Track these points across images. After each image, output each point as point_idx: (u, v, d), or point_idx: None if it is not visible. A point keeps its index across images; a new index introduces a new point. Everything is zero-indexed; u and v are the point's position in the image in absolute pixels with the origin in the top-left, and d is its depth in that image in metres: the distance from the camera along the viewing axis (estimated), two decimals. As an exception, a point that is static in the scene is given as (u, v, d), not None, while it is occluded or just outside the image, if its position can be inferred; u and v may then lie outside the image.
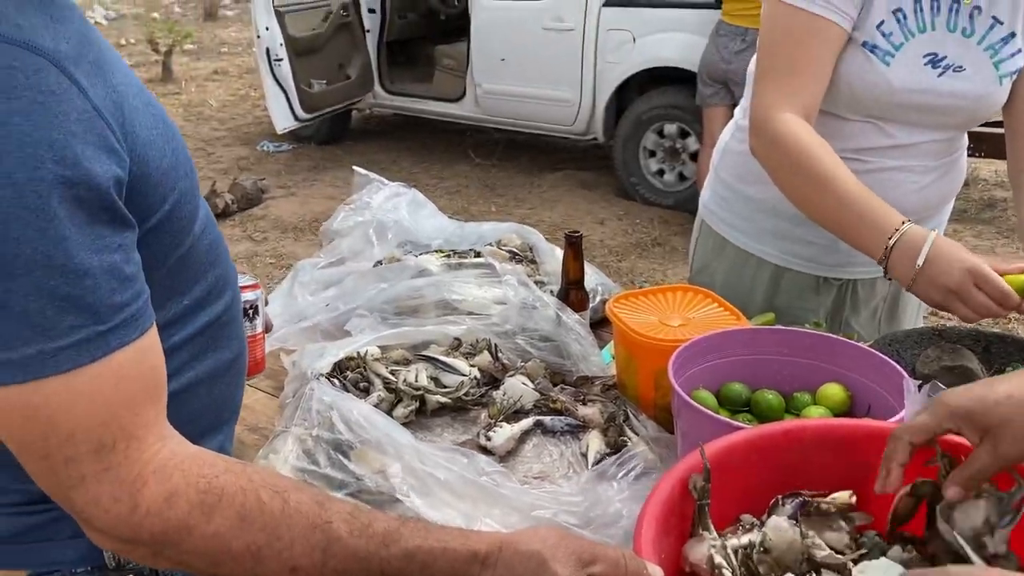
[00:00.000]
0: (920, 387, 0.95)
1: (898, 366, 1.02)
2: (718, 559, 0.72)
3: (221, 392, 0.83)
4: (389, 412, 1.22)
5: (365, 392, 1.25)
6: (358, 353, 1.30)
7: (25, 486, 0.70)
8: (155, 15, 11.71)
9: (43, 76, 0.59)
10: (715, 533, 0.76)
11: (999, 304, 1.08)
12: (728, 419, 1.01)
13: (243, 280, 1.17)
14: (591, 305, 1.45)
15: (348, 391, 1.21)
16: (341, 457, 1.06)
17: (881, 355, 1.06)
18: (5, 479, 0.72)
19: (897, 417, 0.92)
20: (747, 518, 0.83)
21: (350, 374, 1.27)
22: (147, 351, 0.66)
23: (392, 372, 1.27)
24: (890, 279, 1.16)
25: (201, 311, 0.78)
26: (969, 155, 1.48)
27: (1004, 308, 1.09)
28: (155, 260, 0.70)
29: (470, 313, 1.38)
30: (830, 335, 1.12)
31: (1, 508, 0.74)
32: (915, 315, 1.58)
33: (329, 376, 1.24)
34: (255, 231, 4.62)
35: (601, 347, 1.37)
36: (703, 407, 1.00)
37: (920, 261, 1.10)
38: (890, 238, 1.13)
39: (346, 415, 1.08)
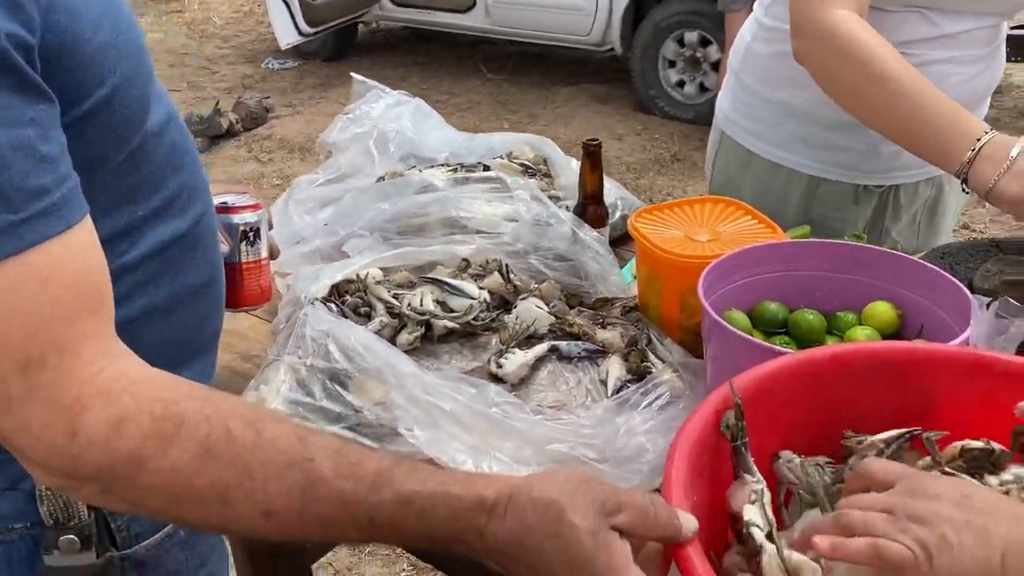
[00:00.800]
0: (988, 305, 0.84)
1: (957, 281, 0.91)
2: (748, 515, 0.63)
3: (185, 324, 0.73)
4: (392, 339, 1.13)
5: (366, 318, 1.15)
6: (358, 276, 1.20)
7: None
8: (154, -71, 11.29)
9: None
10: (758, 475, 0.67)
11: None
12: (763, 342, 0.91)
13: (243, 200, 1.07)
14: (611, 221, 1.34)
15: (347, 317, 1.12)
16: (338, 388, 0.98)
17: (936, 269, 0.95)
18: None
19: (960, 339, 0.82)
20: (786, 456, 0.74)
21: (349, 298, 1.17)
22: (79, 249, 0.56)
23: (395, 296, 1.18)
24: (966, 189, 1.05)
25: (160, 224, 0.68)
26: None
27: None
28: (96, 155, 0.60)
29: (479, 231, 1.27)
30: (877, 247, 1.01)
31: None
32: (953, 219, 1.47)
33: (326, 300, 1.15)
34: (260, 151, 4.49)
35: (621, 266, 1.26)
36: (737, 329, 0.90)
37: (1015, 152, 1.00)
38: (979, 139, 1.03)
39: (343, 343, 0.99)
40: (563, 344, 1.11)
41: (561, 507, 0.56)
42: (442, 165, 1.45)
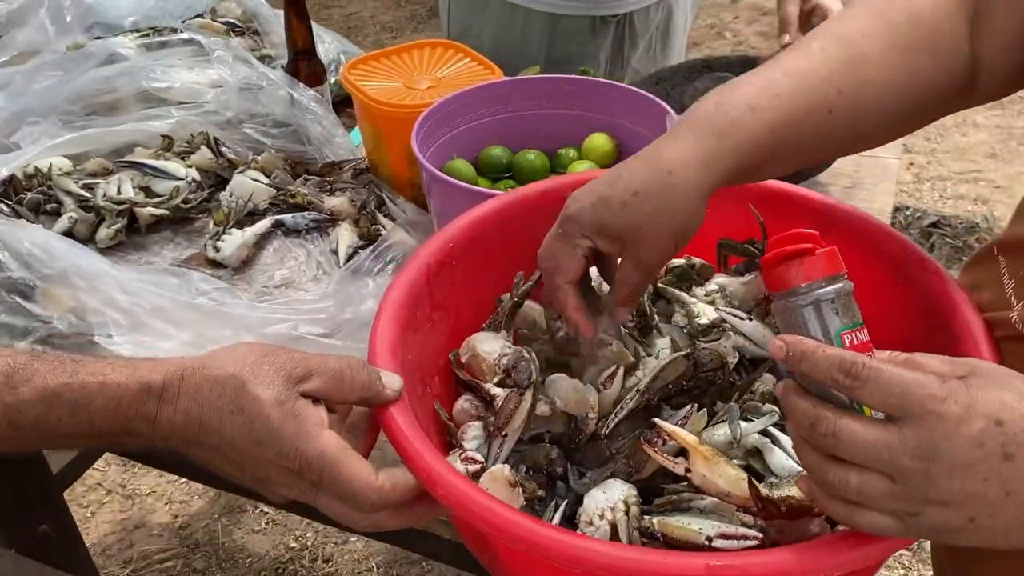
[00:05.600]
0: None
1: (663, 103, 0.91)
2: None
3: None
4: (91, 236, 0.99)
5: (56, 216, 1.00)
6: (37, 169, 1.03)
7: None
8: None
9: None
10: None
11: None
12: (487, 189, 0.88)
13: None
14: (334, 78, 1.23)
15: (23, 217, 0.96)
16: (20, 300, 0.84)
17: (646, 94, 0.94)
18: None
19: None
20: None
21: (30, 195, 1.01)
22: None
23: (88, 187, 1.03)
24: None
25: None
26: None
27: None
28: None
29: (181, 103, 1.13)
30: (592, 78, 0.99)
31: None
32: (682, 40, 1.49)
33: (-4, 202, 0.98)
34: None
35: (351, 127, 1.18)
36: (455, 179, 0.86)
37: None
38: None
39: (16, 247, 0.85)
40: (288, 217, 1.02)
41: (241, 380, 0.50)
42: (131, 31, 1.26)
